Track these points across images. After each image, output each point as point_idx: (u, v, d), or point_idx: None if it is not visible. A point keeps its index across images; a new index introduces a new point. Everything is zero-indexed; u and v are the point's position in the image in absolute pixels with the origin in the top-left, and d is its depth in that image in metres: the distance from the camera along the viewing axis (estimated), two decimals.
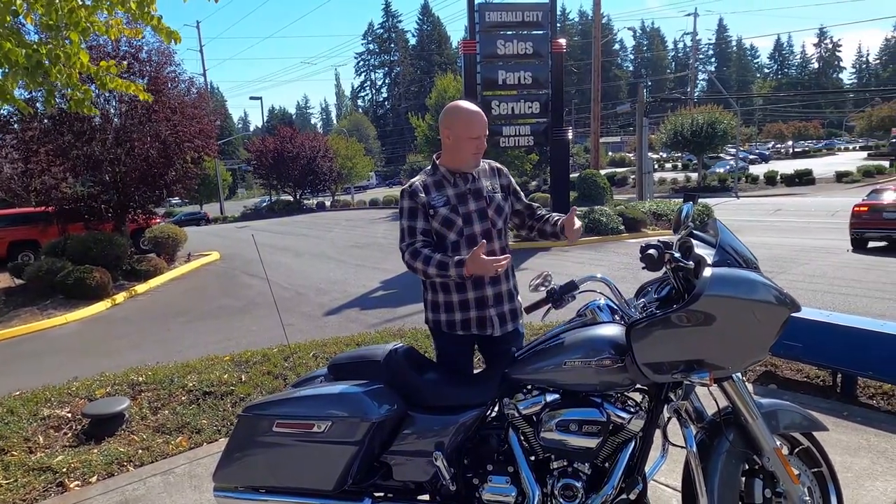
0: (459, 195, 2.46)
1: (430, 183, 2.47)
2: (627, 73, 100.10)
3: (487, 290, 2.47)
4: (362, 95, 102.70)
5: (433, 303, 2.53)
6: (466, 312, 2.46)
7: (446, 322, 2.49)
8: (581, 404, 2.04)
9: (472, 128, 2.38)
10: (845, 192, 25.92)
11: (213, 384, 4.33)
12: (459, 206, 2.44)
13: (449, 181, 2.48)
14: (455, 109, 2.43)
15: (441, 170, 2.49)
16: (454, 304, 2.47)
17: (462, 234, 2.44)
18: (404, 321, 7.49)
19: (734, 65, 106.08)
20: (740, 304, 1.87)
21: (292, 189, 35.71)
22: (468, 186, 2.49)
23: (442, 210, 2.42)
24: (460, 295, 2.45)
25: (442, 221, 2.42)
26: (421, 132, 26.22)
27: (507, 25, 13.90)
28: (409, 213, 2.43)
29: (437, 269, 2.28)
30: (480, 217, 2.47)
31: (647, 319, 1.92)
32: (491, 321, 2.48)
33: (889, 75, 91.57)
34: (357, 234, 19.24)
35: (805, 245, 12.08)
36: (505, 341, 2.51)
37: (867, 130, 55.80)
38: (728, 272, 1.90)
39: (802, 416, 2.17)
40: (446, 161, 2.48)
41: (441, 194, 2.45)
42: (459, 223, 2.44)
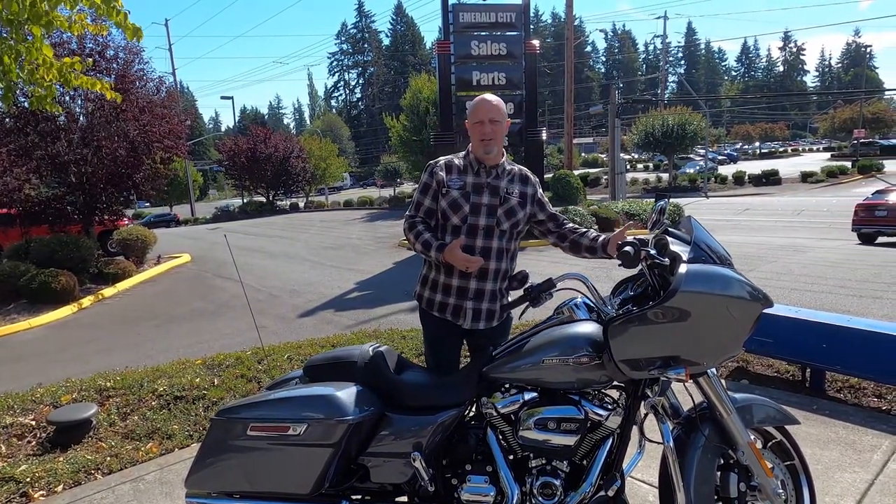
0: (476, 185, 2.52)
1: (455, 164, 2.56)
2: (599, 75, 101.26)
3: (471, 283, 2.51)
4: (336, 96, 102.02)
5: (425, 277, 2.64)
6: (447, 297, 2.54)
7: (427, 299, 2.60)
8: (559, 402, 2.04)
9: (475, 113, 2.49)
10: (810, 192, 26.64)
11: (185, 388, 4.23)
12: (472, 195, 2.50)
13: (472, 168, 2.55)
14: (474, 100, 2.56)
15: (471, 156, 2.56)
16: (439, 285, 2.56)
17: (465, 222, 2.49)
18: (380, 322, 7.43)
19: (703, 67, 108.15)
20: (715, 300, 1.89)
21: (265, 190, 35.26)
22: (488, 180, 2.54)
23: (454, 192, 2.50)
24: (447, 278, 2.53)
25: (450, 203, 2.49)
26: (395, 133, 26.11)
27: (481, 26, 13.94)
28: (423, 188, 2.56)
29: (422, 246, 2.44)
30: (489, 212, 2.51)
31: (623, 316, 1.93)
32: (465, 313, 2.53)
33: (850, 78, 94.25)
34: (332, 236, 19.07)
35: (772, 243, 12.35)
36: (489, 337, 2.54)
37: (830, 132, 57.32)
38: (703, 269, 1.92)
39: (775, 410, 2.21)
40: (472, 147, 2.58)
41: (460, 178, 2.52)
42: (466, 210, 2.49)
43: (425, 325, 2.66)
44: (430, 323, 2.60)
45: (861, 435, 3.20)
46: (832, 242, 12.36)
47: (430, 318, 2.59)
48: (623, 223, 15.31)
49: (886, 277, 8.54)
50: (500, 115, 2.49)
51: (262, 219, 28.97)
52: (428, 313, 2.60)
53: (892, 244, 12.06)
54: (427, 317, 2.61)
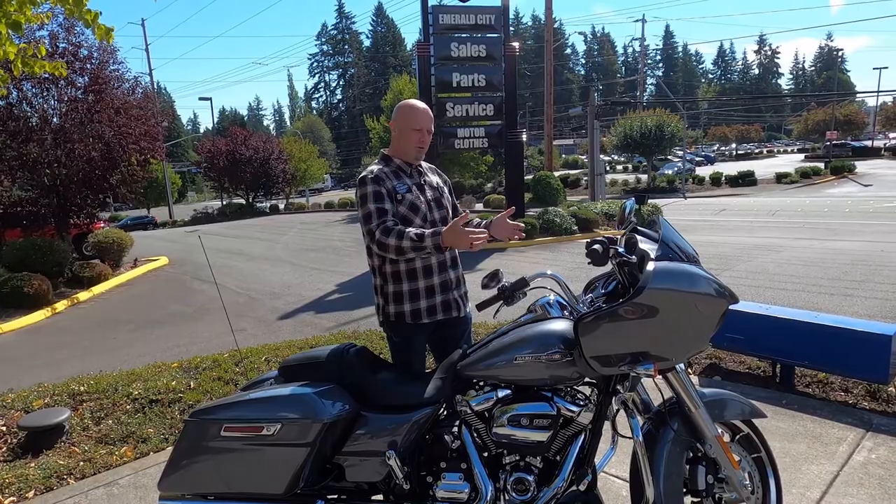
0: (417, 185, 2.58)
1: (388, 172, 2.54)
2: (579, 77, 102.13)
3: (450, 273, 2.58)
4: (316, 97, 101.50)
5: (396, 294, 2.53)
6: (432, 298, 2.53)
7: (411, 312, 2.52)
8: (532, 399, 2.07)
9: (414, 119, 2.51)
10: (784, 193, 27.11)
11: (161, 392, 4.19)
12: (420, 194, 2.55)
13: (405, 171, 2.58)
14: (401, 104, 2.60)
15: (395, 161, 2.59)
16: (420, 292, 2.52)
17: (426, 220, 2.53)
18: (359, 324, 7.42)
19: (680, 70, 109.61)
20: (682, 297, 1.93)
21: (245, 192, 34.94)
22: (422, 178, 2.62)
23: (408, 195, 2.51)
24: (427, 281, 2.52)
25: (409, 206, 2.49)
26: (376, 134, 26.08)
27: (461, 28, 14.00)
28: (375, 196, 2.43)
29: (412, 241, 2.29)
30: (437, 205, 2.60)
31: (593, 313, 1.96)
32: (456, 303, 2.59)
33: (823, 81, 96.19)
34: (312, 238, 18.97)
35: (748, 243, 12.55)
36: (457, 325, 2.60)
37: (804, 134, 58.47)
38: (670, 266, 1.96)
39: (743, 404, 2.26)
40: (395, 153, 2.59)
41: (402, 182, 2.53)
42: (424, 209, 2.53)
43: (399, 338, 2.59)
44: (412, 332, 2.55)
45: (828, 428, 3.28)
46: (806, 242, 12.59)
47: (416, 327, 2.54)
48: (602, 224, 15.54)
49: (856, 275, 8.74)
50: (432, 126, 2.59)
51: (242, 221, 28.72)
52: (411, 326, 2.53)
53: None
54: (406, 328, 2.55)
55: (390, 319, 2.57)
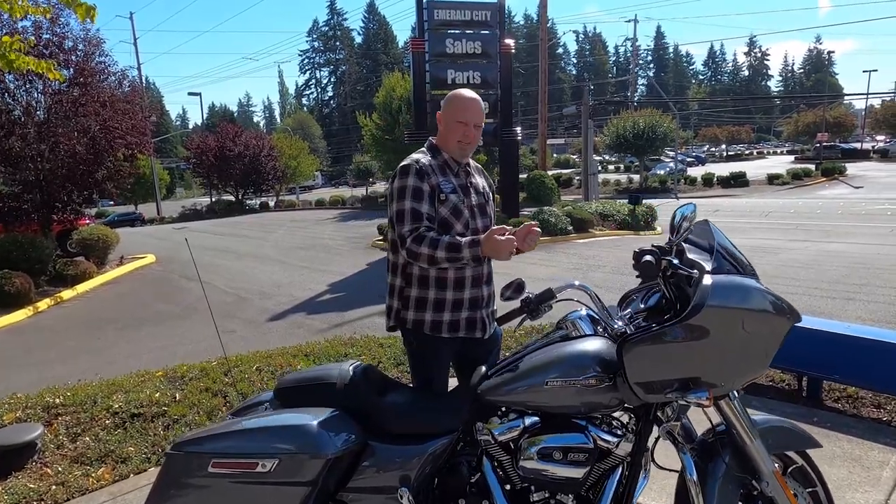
0: (462, 186, 2.30)
1: (434, 165, 2.27)
2: (571, 77, 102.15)
3: (483, 290, 2.31)
4: (307, 94, 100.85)
5: (419, 299, 2.26)
6: (458, 313, 2.26)
7: (431, 322, 2.26)
8: (564, 428, 1.83)
9: (460, 110, 2.25)
10: (776, 194, 27.11)
11: (143, 404, 3.89)
12: (465, 197, 2.28)
13: (451, 168, 2.31)
14: (451, 94, 2.33)
15: (444, 154, 2.31)
16: (446, 303, 2.25)
17: (468, 227, 2.26)
18: (354, 326, 7.17)
19: (671, 70, 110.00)
20: (743, 316, 1.71)
21: (234, 189, 34.48)
22: (468, 179, 2.35)
23: (452, 197, 2.23)
24: (456, 293, 2.25)
25: (452, 209, 2.22)
26: (368, 131, 25.71)
27: (456, 24, 13.77)
28: (415, 193, 2.15)
29: (447, 251, 2.06)
30: (481, 212, 2.34)
31: (641, 333, 1.73)
32: (482, 322, 2.32)
33: (812, 84, 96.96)
34: (302, 236, 18.66)
35: (743, 245, 12.17)
36: (483, 345, 2.34)
37: (794, 135, 58.77)
38: (729, 280, 1.73)
39: (797, 432, 2.03)
40: (443, 145, 2.33)
41: (447, 180, 2.26)
42: (467, 214, 2.26)
43: (421, 352, 2.32)
44: (432, 345, 2.28)
45: (867, 450, 3.07)
46: (801, 244, 12.46)
47: (434, 340, 2.27)
48: (598, 224, 15.37)
49: (855, 278, 8.61)
50: (483, 120, 2.34)
51: (231, 218, 28.30)
52: (430, 338, 2.26)
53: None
54: (427, 342, 2.28)
55: (406, 326, 2.31)
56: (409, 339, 2.34)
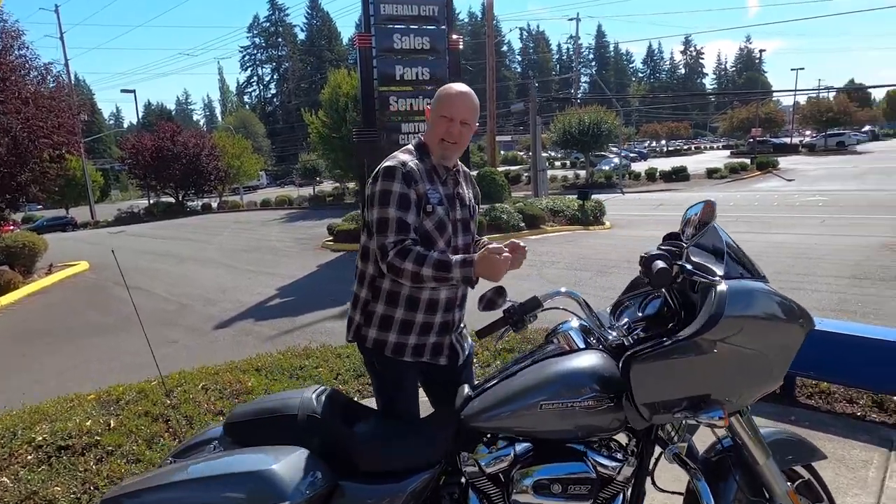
0: (449, 196, 2.03)
1: (422, 170, 1.99)
2: (516, 75, 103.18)
3: (455, 314, 2.07)
4: (249, 91, 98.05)
5: (384, 318, 2.02)
6: (425, 336, 2.03)
7: (394, 345, 2.02)
8: (560, 455, 1.64)
9: (446, 105, 1.99)
10: (715, 188, 28.02)
11: (72, 435, 3.42)
12: (451, 210, 2.02)
13: (439, 175, 2.03)
14: (442, 88, 2.08)
15: (433, 158, 2.03)
16: (414, 325, 2.01)
17: (450, 244, 2.01)
18: (306, 332, 6.87)
19: (612, 68, 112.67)
20: (761, 325, 1.57)
21: (174, 190, 33.07)
22: (456, 189, 2.07)
23: (439, 209, 1.97)
24: (427, 315, 2.01)
25: (437, 223, 1.96)
26: (314, 129, 25.08)
27: (403, 19, 13.52)
28: (401, 200, 1.88)
29: (436, 269, 1.80)
30: (464, 228, 2.07)
31: (650, 348, 1.56)
32: (449, 348, 2.08)
33: (744, 81, 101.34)
34: (248, 238, 18.00)
35: None
36: (461, 374, 2.11)
37: (729, 131, 61.12)
38: (744, 286, 1.59)
39: (804, 445, 1.91)
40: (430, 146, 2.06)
41: (434, 188, 1.99)
42: (450, 230, 2.00)
43: (382, 374, 2.09)
44: (394, 368, 2.05)
45: (849, 448, 3.02)
46: (745, 236, 12.79)
47: (396, 363, 2.04)
48: (549, 220, 15.43)
49: (800, 269, 8.86)
50: (474, 118, 2.05)
51: (172, 221, 27.12)
52: (393, 361, 2.04)
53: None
54: (389, 364, 2.05)
55: (366, 345, 2.07)
56: (369, 358, 2.11)
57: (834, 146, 47.99)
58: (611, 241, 13.34)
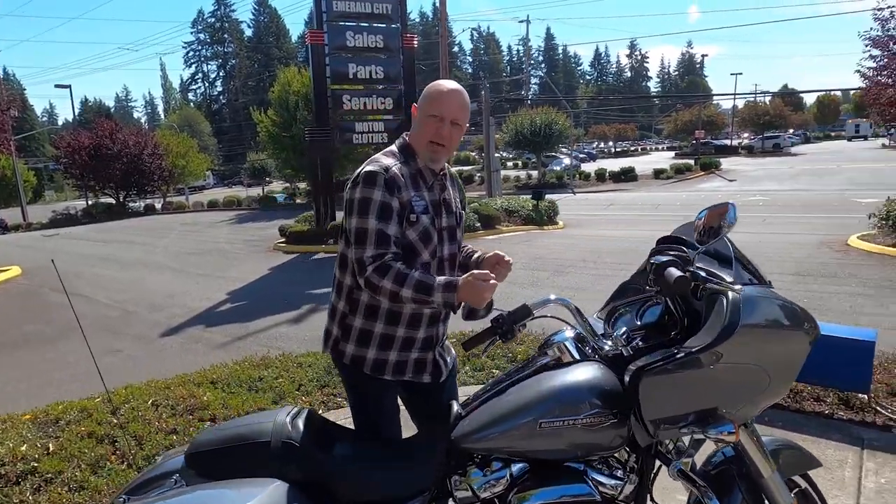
0: (435, 203, 1.89)
1: (406, 175, 1.84)
2: (467, 75, 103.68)
3: (439, 328, 1.94)
4: (194, 88, 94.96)
5: (362, 332, 1.88)
6: (406, 353, 1.89)
7: (374, 362, 1.87)
8: (559, 477, 1.54)
9: (435, 103, 1.85)
10: (662, 187, 28.84)
11: (4, 461, 3.07)
12: (436, 217, 1.88)
13: (425, 180, 1.88)
14: (430, 85, 1.92)
15: (419, 162, 1.89)
16: (395, 340, 1.87)
17: (435, 255, 1.88)
18: (259, 339, 6.62)
19: (561, 70, 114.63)
20: (775, 334, 1.52)
21: (114, 191, 31.62)
22: (443, 194, 1.93)
23: (424, 218, 1.82)
24: (409, 330, 1.87)
25: (422, 233, 1.82)
26: (264, 128, 24.42)
27: (355, 16, 13.32)
28: (382, 210, 1.75)
29: (416, 291, 1.68)
30: (450, 237, 1.94)
31: (661, 361, 1.47)
32: (432, 364, 1.94)
33: (686, 85, 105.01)
34: (196, 240, 17.36)
35: (642, 236, 12.90)
36: (443, 390, 1.98)
37: (673, 133, 63.12)
38: (756, 293, 1.53)
39: (802, 453, 1.88)
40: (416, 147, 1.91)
41: (419, 195, 1.85)
42: (435, 240, 1.86)
43: (361, 392, 1.95)
44: (373, 386, 1.91)
45: (823, 448, 3.03)
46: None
47: (375, 382, 1.90)
48: (504, 220, 15.47)
49: None
50: (465, 118, 1.91)
51: (113, 223, 25.92)
52: (372, 379, 1.89)
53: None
54: (368, 383, 1.90)
55: (343, 362, 1.92)
56: (346, 375, 1.97)
57: (770, 148, 50.26)
58: (565, 240, 13.49)
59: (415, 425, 2.08)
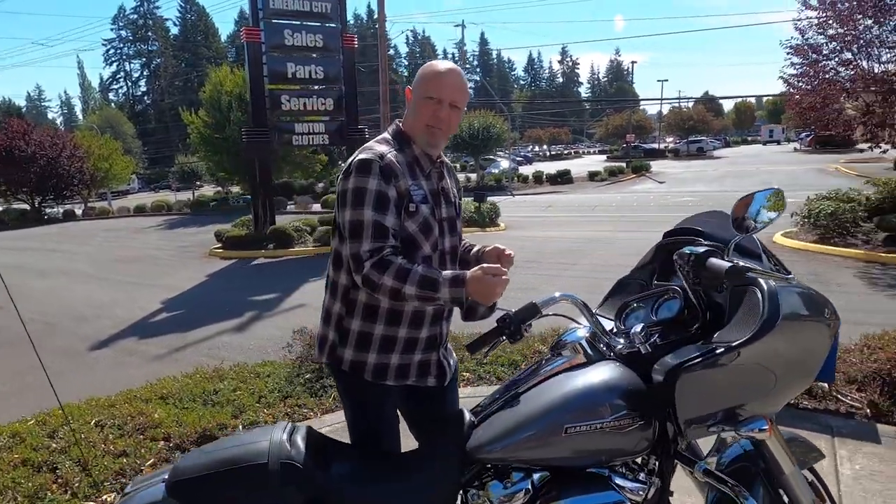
0: (434, 192, 1.77)
1: (402, 162, 1.71)
2: (403, 78, 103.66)
3: (443, 326, 1.82)
4: (115, 88, 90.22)
5: (362, 335, 1.74)
6: (409, 355, 1.76)
7: (374, 367, 1.73)
8: (584, 484, 1.44)
9: (433, 84, 1.73)
10: (597, 190, 29.68)
11: None
12: (436, 207, 1.76)
13: (422, 167, 1.76)
14: (426, 65, 1.80)
15: (416, 148, 1.77)
16: (397, 342, 1.73)
17: (436, 248, 1.75)
18: (202, 349, 6.30)
19: (496, 75, 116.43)
20: (807, 328, 1.49)
21: (28, 195, 29.52)
22: (441, 183, 1.81)
23: (423, 208, 1.69)
24: (411, 330, 1.75)
25: (422, 224, 1.69)
26: (195, 130, 23.40)
27: (294, 14, 13.01)
28: (378, 200, 1.62)
29: (421, 287, 1.55)
30: (451, 229, 1.82)
31: (701, 358, 1.39)
32: (437, 366, 1.83)
33: (615, 91, 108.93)
34: (122, 247, 16.42)
35: (582, 237, 13.19)
36: (445, 396, 1.87)
37: (605, 136, 65.26)
38: (790, 285, 1.50)
39: (808, 446, 1.87)
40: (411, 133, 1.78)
41: (417, 184, 1.72)
42: (436, 231, 1.74)
43: (361, 401, 1.81)
44: (370, 395, 1.78)
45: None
46: (631, 234, 13.55)
47: (377, 388, 1.76)
48: None
49: None
50: (464, 101, 1.79)
51: (28, 230, 24.19)
52: (373, 385, 1.75)
53: None
54: (369, 390, 1.76)
55: (342, 368, 1.77)
56: (345, 383, 1.82)
57: (695, 151, 52.73)
58: (509, 242, 13.25)
59: (414, 436, 1.96)
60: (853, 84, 10.31)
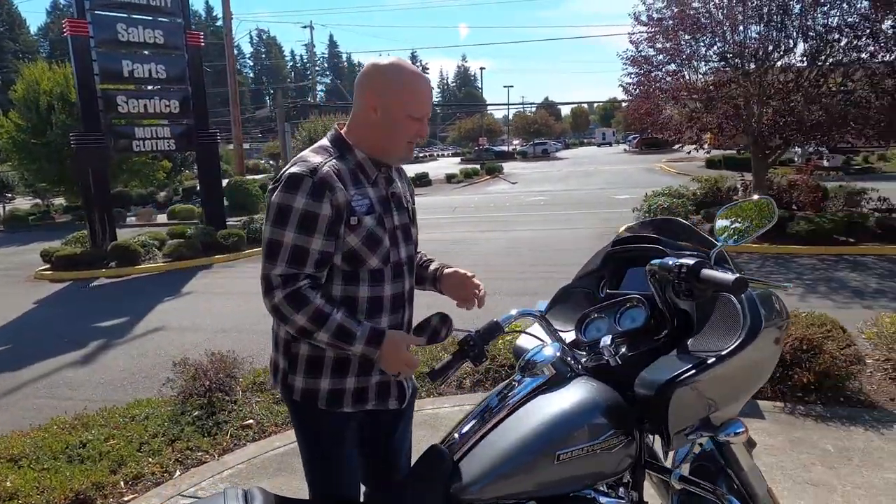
0: (383, 199, 1.62)
1: (344, 172, 1.54)
2: (248, 79, 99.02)
3: None
4: None
5: (311, 360, 1.59)
6: (366, 376, 1.61)
7: (329, 393, 1.58)
8: None
9: (419, 103, 1.58)
10: (455, 191, 30.50)
11: None
12: (385, 217, 1.60)
13: (367, 174, 1.60)
14: (396, 69, 1.58)
15: (358, 154, 1.60)
16: (351, 363, 1.59)
17: (388, 261, 1.61)
18: (39, 390, 5.46)
19: (347, 78, 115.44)
20: (776, 331, 1.53)
21: None
22: (390, 189, 1.65)
23: (367, 220, 1.55)
24: None
25: (366, 238, 1.55)
26: (6, 134, 20.36)
27: (126, 6, 11.78)
28: (303, 220, 1.48)
29: (335, 337, 1.47)
30: (405, 237, 1.68)
31: (694, 371, 1.37)
32: (398, 386, 1.69)
33: (464, 95, 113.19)
34: None
35: (446, 239, 13.39)
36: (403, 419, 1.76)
37: (457, 140, 67.42)
38: (761, 290, 1.53)
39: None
40: (363, 143, 1.60)
41: (361, 193, 1.56)
42: (386, 243, 1.60)
43: (316, 434, 1.65)
44: (328, 425, 1.62)
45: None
46: (492, 234, 14.06)
47: (334, 417, 1.61)
48: None
49: (545, 259, 10.02)
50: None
51: None
52: (328, 414, 1.60)
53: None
54: (324, 420, 1.61)
55: (293, 398, 1.60)
56: (298, 415, 1.65)
57: (540, 153, 56.28)
58: None
59: (368, 474, 1.79)
60: (678, 93, 11.59)
